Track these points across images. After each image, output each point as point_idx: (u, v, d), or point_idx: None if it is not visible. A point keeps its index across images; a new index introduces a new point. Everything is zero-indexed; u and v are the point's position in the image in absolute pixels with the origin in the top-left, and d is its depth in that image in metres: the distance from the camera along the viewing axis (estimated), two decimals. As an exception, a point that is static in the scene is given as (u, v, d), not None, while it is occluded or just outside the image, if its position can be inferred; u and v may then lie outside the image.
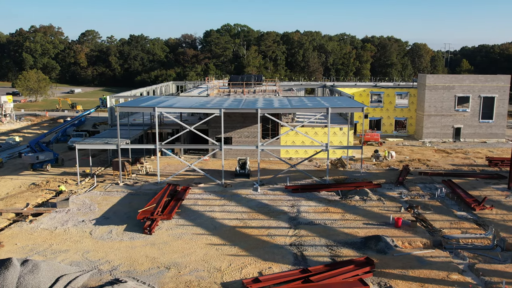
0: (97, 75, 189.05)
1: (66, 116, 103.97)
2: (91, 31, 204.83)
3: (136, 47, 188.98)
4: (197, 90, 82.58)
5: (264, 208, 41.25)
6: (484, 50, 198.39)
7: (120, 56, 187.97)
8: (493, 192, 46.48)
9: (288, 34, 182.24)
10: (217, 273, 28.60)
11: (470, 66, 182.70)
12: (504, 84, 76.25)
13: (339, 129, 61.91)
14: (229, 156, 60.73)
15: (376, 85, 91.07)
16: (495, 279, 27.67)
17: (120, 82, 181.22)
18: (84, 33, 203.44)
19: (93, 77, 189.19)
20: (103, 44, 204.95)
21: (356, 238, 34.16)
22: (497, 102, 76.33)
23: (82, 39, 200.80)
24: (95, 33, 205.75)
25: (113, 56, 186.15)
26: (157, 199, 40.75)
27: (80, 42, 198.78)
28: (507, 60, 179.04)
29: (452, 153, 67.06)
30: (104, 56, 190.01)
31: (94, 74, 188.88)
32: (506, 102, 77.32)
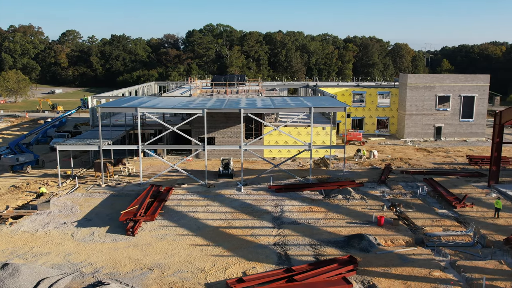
0: (78, 75, 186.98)
1: (46, 117, 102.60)
2: (72, 31, 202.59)
3: (118, 47, 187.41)
4: (180, 90, 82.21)
5: (247, 208, 41.25)
6: (464, 50, 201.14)
7: (102, 56, 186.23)
8: (474, 190, 47.15)
9: (271, 34, 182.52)
10: (201, 274, 28.52)
11: (451, 66, 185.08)
12: (484, 84, 77.42)
13: (322, 128, 62.20)
14: (212, 156, 60.61)
15: (358, 85, 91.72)
16: (475, 276, 28.06)
17: (101, 82, 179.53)
18: (64, 33, 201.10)
19: (74, 77, 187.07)
20: (84, 44, 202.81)
21: (339, 237, 34.35)
22: (477, 101, 77.46)
23: (62, 39, 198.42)
24: (76, 33, 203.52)
25: (94, 56, 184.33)
26: (140, 200, 40.46)
27: (61, 42, 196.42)
28: (486, 60, 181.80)
29: (433, 151, 67.86)
30: (85, 56, 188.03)
31: (75, 74, 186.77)
32: (485, 101, 78.51)
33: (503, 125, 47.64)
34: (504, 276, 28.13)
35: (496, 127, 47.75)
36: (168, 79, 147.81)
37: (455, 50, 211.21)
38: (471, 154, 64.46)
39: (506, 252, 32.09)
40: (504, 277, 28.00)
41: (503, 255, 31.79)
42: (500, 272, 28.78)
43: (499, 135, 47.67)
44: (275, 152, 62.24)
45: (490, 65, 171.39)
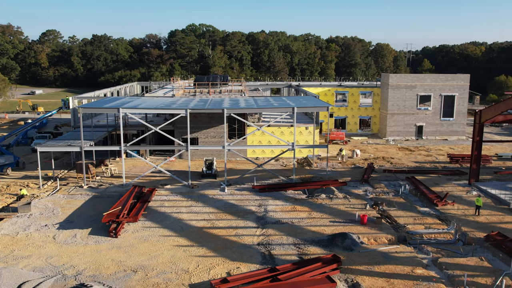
0: (59, 75, 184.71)
1: (27, 118, 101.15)
2: (52, 31, 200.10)
3: (99, 47, 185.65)
4: (163, 91, 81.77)
5: (231, 208, 41.20)
6: (444, 50, 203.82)
7: (83, 57, 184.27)
8: (455, 188, 47.77)
9: (254, 34, 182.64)
10: (185, 275, 28.40)
11: (431, 65, 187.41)
12: (464, 83, 78.50)
13: (305, 128, 62.43)
14: (196, 156, 60.42)
15: (340, 84, 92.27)
16: (457, 272, 28.44)
17: (83, 83, 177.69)
18: (45, 32, 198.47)
19: (55, 78, 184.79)
20: (65, 44, 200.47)
21: (323, 236, 34.51)
22: (457, 100, 78.51)
23: (43, 39, 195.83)
24: (56, 32, 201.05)
25: (75, 57, 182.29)
26: (122, 201, 40.14)
27: (41, 42, 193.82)
28: (466, 59, 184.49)
29: (415, 150, 68.59)
30: (66, 56, 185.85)
31: (56, 74, 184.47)
32: (465, 101, 79.62)
33: (483, 124, 48.34)
34: (485, 273, 28.56)
35: (476, 126, 48.44)
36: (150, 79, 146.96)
37: (435, 50, 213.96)
38: (452, 153, 65.31)
39: (486, 249, 32.57)
40: (485, 274, 28.43)
41: (483, 252, 32.27)
42: (481, 268, 29.22)
43: (479, 133, 48.37)
44: (259, 152, 62.28)
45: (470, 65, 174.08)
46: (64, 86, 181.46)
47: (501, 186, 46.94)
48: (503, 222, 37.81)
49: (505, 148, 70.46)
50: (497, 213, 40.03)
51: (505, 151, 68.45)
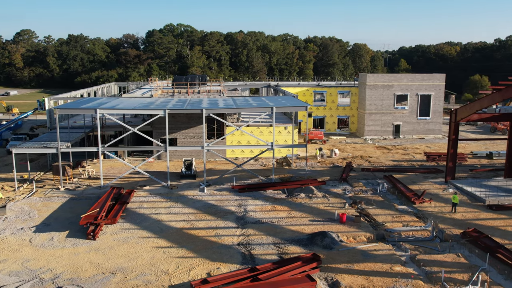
0: (34, 76, 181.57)
1: (1, 119, 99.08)
2: (27, 31, 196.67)
3: (76, 47, 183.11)
4: (140, 91, 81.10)
5: (211, 209, 41.08)
6: (420, 50, 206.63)
7: (59, 57, 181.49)
8: (432, 186, 48.47)
9: (232, 34, 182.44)
10: (164, 276, 28.20)
11: (408, 65, 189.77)
12: (440, 83, 79.74)
13: (283, 128, 62.61)
14: (175, 157, 60.08)
15: (319, 84, 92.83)
16: (434, 269, 28.87)
17: (59, 83, 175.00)
18: (19, 32, 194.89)
19: (30, 78, 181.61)
20: (40, 44, 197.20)
21: (302, 235, 34.64)
22: (433, 99, 79.70)
23: (17, 39, 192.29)
24: (31, 32, 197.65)
25: (51, 57, 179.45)
26: (100, 203, 39.69)
27: (15, 42, 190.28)
28: (442, 59, 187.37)
29: (393, 149, 69.40)
30: (41, 56, 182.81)
31: (31, 75, 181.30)
32: (441, 100, 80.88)
33: (458, 123, 49.15)
34: (461, 269, 29.06)
35: (452, 124, 49.23)
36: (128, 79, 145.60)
37: (412, 50, 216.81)
38: (428, 151, 66.29)
39: (463, 246, 33.15)
40: (462, 270, 28.92)
41: (460, 248, 32.84)
42: (458, 264, 29.72)
43: (455, 132, 49.17)
44: (238, 152, 62.23)
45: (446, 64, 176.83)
46: (40, 87, 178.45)
47: (477, 184, 47.80)
48: (479, 219, 38.52)
49: (480, 146, 71.80)
50: (473, 210, 40.75)
51: (480, 149, 69.76)
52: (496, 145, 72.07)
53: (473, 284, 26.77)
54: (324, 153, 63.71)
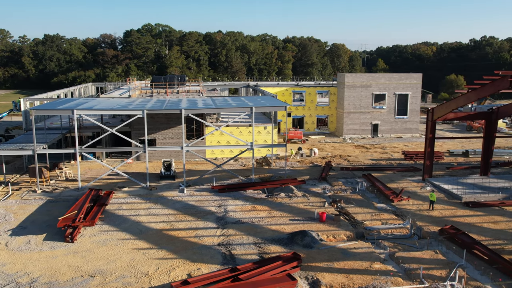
0: (9, 77, 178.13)
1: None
2: (1, 30, 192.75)
3: (52, 47, 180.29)
4: (118, 92, 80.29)
5: (191, 209, 40.90)
6: (398, 50, 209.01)
7: (34, 57, 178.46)
8: (409, 184, 49.09)
9: (211, 35, 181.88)
10: (144, 278, 27.97)
11: (386, 65, 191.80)
12: (417, 82, 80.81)
13: (263, 128, 62.69)
14: (154, 158, 59.65)
15: (298, 84, 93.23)
16: (413, 266, 29.25)
17: (34, 84, 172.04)
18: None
19: (5, 79, 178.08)
20: (15, 44, 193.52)
21: (283, 235, 34.73)
22: (410, 99, 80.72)
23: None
24: (5, 32, 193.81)
25: (26, 57, 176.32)
26: (78, 205, 39.19)
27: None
28: (419, 59, 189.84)
29: (371, 148, 70.07)
30: (16, 56, 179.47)
31: (6, 76, 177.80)
32: (418, 99, 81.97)
33: (435, 121, 49.88)
34: (439, 265, 29.49)
35: (429, 123, 49.93)
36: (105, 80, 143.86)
37: (389, 50, 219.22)
38: (406, 150, 67.12)
39: (441, 242, 33.65)
40: (440, 266, 29.35)
41: (438, 245, 33.33)
42: (436, 261, 30.15)
43: (432, 131, 49.88)
44: (218, 153, 62.10)
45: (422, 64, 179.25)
46: (15, 88, 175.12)
47: (453, 181, 48.59)
48: (455, 216, 39.16)
49: (457, 145, 72.97)
50: (450, 207, 41.41)
51: (456, 147, 70.90)
52: (472, 143, 73.36)
53: (450, 280, 27.18)
54: (304, 152, 64.00)
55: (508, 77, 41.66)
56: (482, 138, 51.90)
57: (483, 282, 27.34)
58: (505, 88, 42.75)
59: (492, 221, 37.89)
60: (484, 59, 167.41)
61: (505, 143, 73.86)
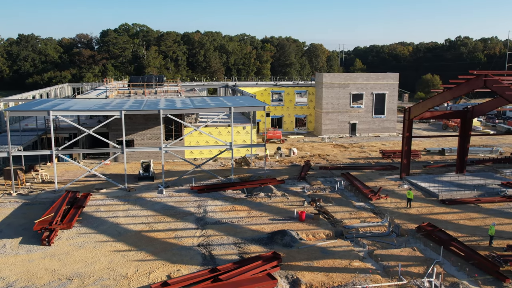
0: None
1: None
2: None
3: (26, 47, 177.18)
4: (95, 92, 79.38)
5: (170, 210, 40.64)
6: (375, 50, 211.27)
7: (8, 57, 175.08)
8: (387, 182, 49.63)
9: (189, 35, 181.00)
10: (123, 280, 27.69)
11: (363, 65, 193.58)
12: (393, 82, 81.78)
13: (242, 128, 62.67)
14: (132, 159, 59.11)
15: (276, 84, 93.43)
16: (391, 263, 29.57)
17: (8, 85, 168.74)
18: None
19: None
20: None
21: (262, 234, 34.77)
22: (387, 98, 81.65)
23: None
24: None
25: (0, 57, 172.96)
26: (55, 207, 38.60)
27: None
28: (395, 59, 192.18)
29: (349, 147, 70.65)
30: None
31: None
32: (395, 98, 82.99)
33: (412, 121, 50.54)
34: (417, 262, 29.88)
35: (406, 122, 50.56)
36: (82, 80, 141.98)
37: (366, 50, 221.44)
38: (384, 149, 67.87)
39: (418, 240, 34.11)
40: (418, 263, 29.74)
41: (415, 242, 33.78)
42: (413, 258, 30.54)
43: (409, 130, 50.53)
44: (197, 153, 61.86)
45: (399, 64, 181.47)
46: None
47: (430, 179, 49.30)
48: (432, 213, 39.74)
49: (433, 143, 74.10)
50: (427, 205, 42.01)
51: (433, 146, 71.99)
52: (448, 141, 74.57)
53: (428, 276, 27.55)
54: (283, 152, 64.18)
55: (482, 76, 42.50)
56: (457, 137, 52.78)
57: (460, 277, 27.80)
58: (479, 87, 43.61)
59: (468, 218, 38.57)
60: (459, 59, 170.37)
61: (480, 141, 75.30)
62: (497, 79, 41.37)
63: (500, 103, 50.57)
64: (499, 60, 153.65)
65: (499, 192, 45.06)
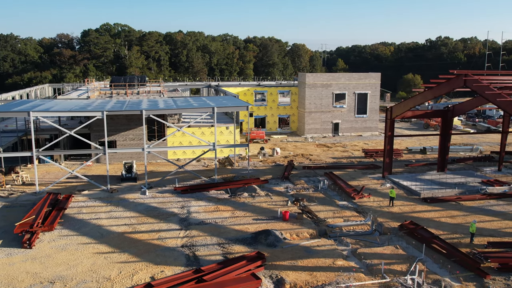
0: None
1: None
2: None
3: (6, 47, 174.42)
4: (77, 93, 78.53)
5: (153, 212, 40.39)
6: (357, 50, 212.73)
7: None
8: (370, 181, 50.00)
9: (171, 34, 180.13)
10: (106, 283, 27.42)
11: (345, 65, 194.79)
12: (375, 81, 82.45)
13: (225, 128, 62.59)
14: (114, 160, 58.61)
15: (259, 84, 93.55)
16: (375, 261, 29.80)
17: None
18: None
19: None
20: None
21: (246, 234, 34.75)
22: (369, 98, 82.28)
23: None
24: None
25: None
26: (36, 210, 38.06)
27: None
28: (377, 59, 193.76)
29: (332, 147, 71.02)
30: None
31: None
32: (377, 98, 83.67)
33: (394, 120, 50.98)
34: (400, 260, 30.16)
35: (388, 121, 50.99)
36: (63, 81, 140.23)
37: (348, 50, 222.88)
38: (366, 148, 68.36)
39: (401, 238, 34.44)
40: (400, 261, 30.02)
41: (398, 240, 34.10)
42: (396, 256, 30.83)
43: (391, 129, 50.96)
44: (180, 153, 61.59)
45: (381, 64, 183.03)
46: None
47: (412, 178, 49.79)
48: (414, 212, 40.14)
49: (415, 142, 74.88)
50: (409, 203, 42.43)
51: (414, 144, 72.74)
52: (429, 140, 75.44)
53: (411, 274, 27.84)
54: (266, 152, 64.25)
55: (463, 76, 43.07)
56: (438, 136, 53.41)
57: (442, 275, 28.14)
58: (459, 86, 44.18)
59: (450, 216, 39.06)
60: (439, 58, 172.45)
61: (460, 140, 76.33)
62: (476, 79, 41.96)
63: (480, 102, 51.34)
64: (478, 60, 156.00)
65: (480, 190, 45.72)
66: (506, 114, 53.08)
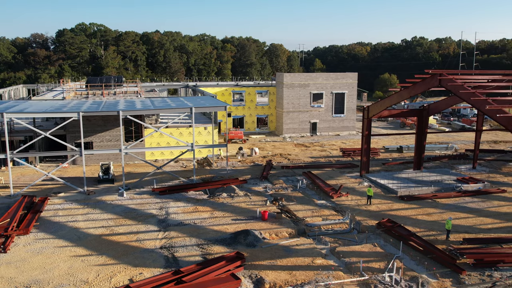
0: None
1: None
2: None
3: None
4: (52, 93, 77.33)
5: (131, 213, 40.00)
6: (334, 50, 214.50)
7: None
8: (348, 180, 50.42)
9: (148, 34, 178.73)
10: (84, 286, 27.05)
11: (322, 65, 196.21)
12: (352, 81, 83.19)
13: (203, 128, 62.38)
14: (91, 161, 57.89)
15: (237, 84, 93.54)
16: (353, 259, 30.06)
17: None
18: None
19: None
20: None
21: (226, 235, 34.69)
22: (347, 97, 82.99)
23: None
24: None
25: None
26: (11, 213, 37.35)
27: None
28: (354, 59, 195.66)
29: (310, 146, 71.40)
30: None
31: None
32: (354, 98, 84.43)
33: (370, 119, 51.51)
34: (378, 258, 30.48)
35: (365, 121, 51.50)
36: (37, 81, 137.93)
37: (325, 50, 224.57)
38: (344, 147, 68.90)
39: (378, 235, 34.80)
40: (378, 258, 30.34)
41: (376, 238, 34.45)
42: (374, 254, 31.15)
43: (368, 128, 51.49)
44: (158, 154, 61.15)
45: (357, 64, 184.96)
46: None
47: (389, 176, 50.40)
48: (392, 210, 40.63)
49: (391, 141, 75.80)
50: (387, 202, 42.92)
51: (391, 143, 73.62)
52: (406, 139, 76.46)
53: (389, 271, 28.14)
54: (245, 152, 64.24)
55: (437, 75, 43.76)
56: (414, 134, 54.17)
57: (419, 271, 28.52)
58: (434, 86, 44.87)
59: (426, 213, 39.64)
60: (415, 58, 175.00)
61: (436, 139, 77.56)
62: (451, 78, 42.68)
63: (454, 101, 52.23)
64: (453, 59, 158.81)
65: (455, 187, 46.52)
66: (480, 113, 54.16)
